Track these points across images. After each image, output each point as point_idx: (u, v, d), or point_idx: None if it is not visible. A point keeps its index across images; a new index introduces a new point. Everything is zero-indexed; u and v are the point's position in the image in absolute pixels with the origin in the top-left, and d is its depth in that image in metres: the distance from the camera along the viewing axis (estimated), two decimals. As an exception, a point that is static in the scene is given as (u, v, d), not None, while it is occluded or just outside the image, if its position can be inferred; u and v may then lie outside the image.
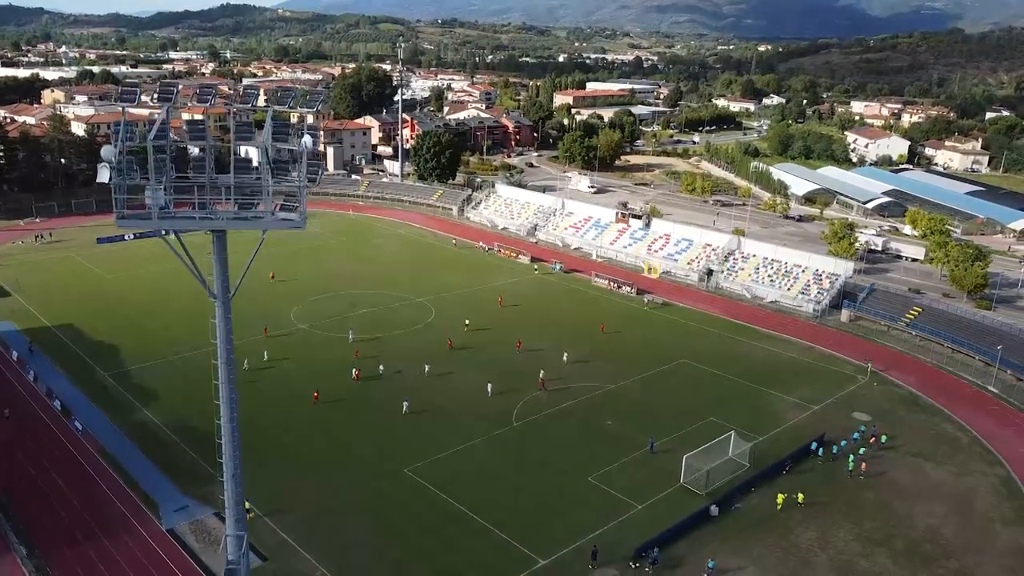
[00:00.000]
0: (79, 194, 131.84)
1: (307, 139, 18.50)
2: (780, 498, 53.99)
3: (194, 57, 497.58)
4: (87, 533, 48.66)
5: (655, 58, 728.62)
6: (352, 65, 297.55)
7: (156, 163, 19.34)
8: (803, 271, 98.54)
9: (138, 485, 53.70)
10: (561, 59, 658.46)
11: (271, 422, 62.50)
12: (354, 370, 70.85)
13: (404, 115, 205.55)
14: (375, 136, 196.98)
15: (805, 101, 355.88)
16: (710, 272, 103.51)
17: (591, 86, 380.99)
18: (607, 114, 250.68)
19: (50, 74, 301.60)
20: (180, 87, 21.64)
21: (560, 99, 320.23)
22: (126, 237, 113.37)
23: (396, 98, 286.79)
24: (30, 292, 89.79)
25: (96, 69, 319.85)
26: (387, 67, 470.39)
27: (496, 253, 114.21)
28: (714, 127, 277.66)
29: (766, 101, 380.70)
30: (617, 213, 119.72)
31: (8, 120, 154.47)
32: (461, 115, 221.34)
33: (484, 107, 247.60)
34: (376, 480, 55.14)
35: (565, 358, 75.29)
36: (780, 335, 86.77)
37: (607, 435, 62.74)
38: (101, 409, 63.93)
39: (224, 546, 24.25)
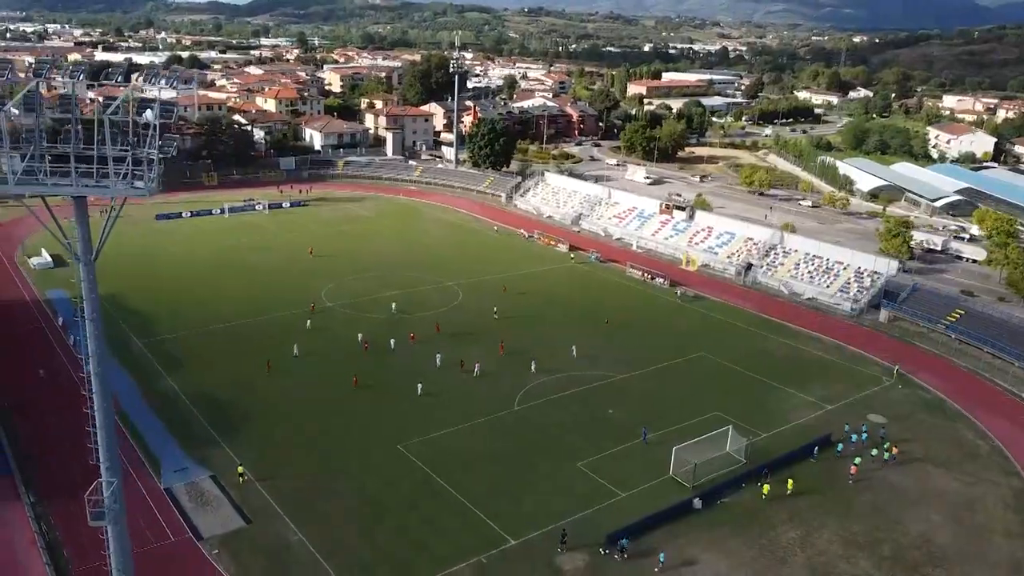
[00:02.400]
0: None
1: (148, 113, 19.77)
2: (790, 483, 54.14)
3: (281, 44, 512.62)
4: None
5: (743, 48, 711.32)
6: (434, 52, 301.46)
7: (26, 133, 20.89)
8: (844, 268, 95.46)
9: (147, 446, 56.96)
10: (646, 49, 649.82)
11: (282, 395, 65.19)
12: (361, 337, 75.14)
13: (468, 102, 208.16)
14: (439, 123, 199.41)
15: (893, 95, 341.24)
16: (749, 266, 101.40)
17: (668, 76, 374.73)
18: (677, 104, 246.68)
19: (144, 59, 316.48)
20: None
21: (634, 89, 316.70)
22: (183, 215, 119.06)
23: (468, 85, 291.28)
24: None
25: (185, 54, 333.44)
26: (468, 55, 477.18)
27: (536, 240, 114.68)
28: (790, 120, 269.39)
29: (852, 94, 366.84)
30: (661, 204, 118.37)
31: (90, 102, 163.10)
32: (526, 103, 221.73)
33: (552, 96, 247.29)
34: (370, 454, 56.85)
35: (574, 350, 75.33)
36: (810, 332, 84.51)
37: (606, 423, 62.76)
38: (128, 374, 67.82)
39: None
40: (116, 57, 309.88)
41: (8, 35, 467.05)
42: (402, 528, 48.87)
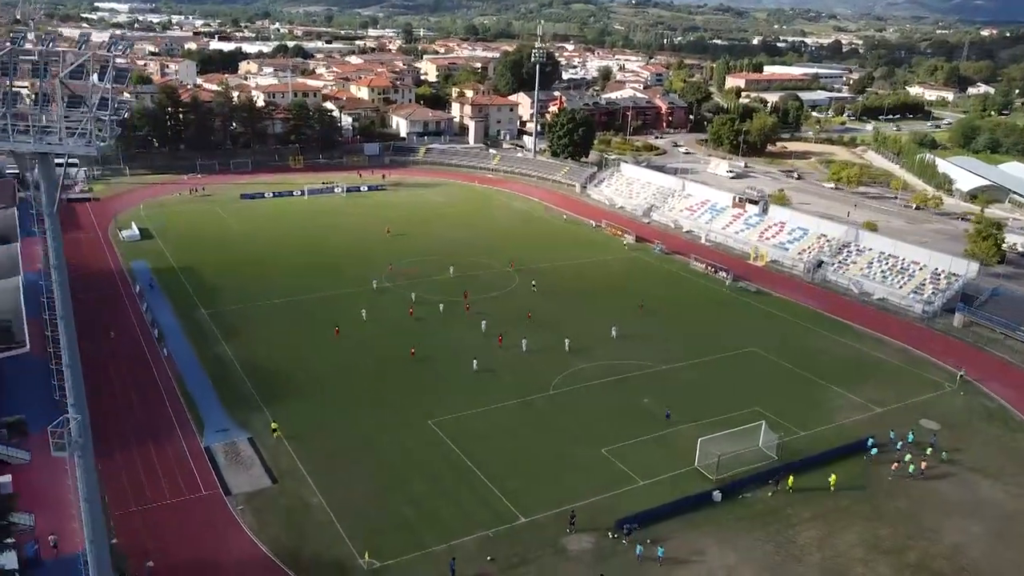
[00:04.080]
0: (240, 154, 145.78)
1: (93, 77, 21.43)
2: (833, 479, 53.44)
3: (386, 34, 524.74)
4: (139, 439, 55.68)
5: (860, 42, 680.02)
6: (526, 43, 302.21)
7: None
8: (920, 269, 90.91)
9: (195, 406, 60.55)
10: (755, 42, 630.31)
11: (332, 364, 67.82)
12: (413, 296, 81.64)
13: (557, 92, 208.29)
14: (525, 112, 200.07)
15: (1017, 91, 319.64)
16: (819, 263, 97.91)
17: (770, 69, 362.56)
18: (773, 98, 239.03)
19: (253, 48, 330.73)
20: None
21: (732, 82, 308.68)
22: (265, 195, 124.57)
23: (564, 76, 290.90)
24: (169, 237, 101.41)
25: (291, 44, 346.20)
26: (569, 46, 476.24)
27: (603, 230, 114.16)
28: (897, 116, 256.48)
29: (971, 90, 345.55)
30: (734, 198, 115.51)
31: (193, 86, 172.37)
32: (615, 94, 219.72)
33: (643, 87, 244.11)
34: (400, 427, 58.54)
35: (613, 331, 75.67)
36: (874, 334, 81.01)
37: (640, 412, 62.34)
38: (189, 340, 72.02)
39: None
40: (228, 46, 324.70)
41: (136, 25, 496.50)
42: (417, 498, 50.23)
